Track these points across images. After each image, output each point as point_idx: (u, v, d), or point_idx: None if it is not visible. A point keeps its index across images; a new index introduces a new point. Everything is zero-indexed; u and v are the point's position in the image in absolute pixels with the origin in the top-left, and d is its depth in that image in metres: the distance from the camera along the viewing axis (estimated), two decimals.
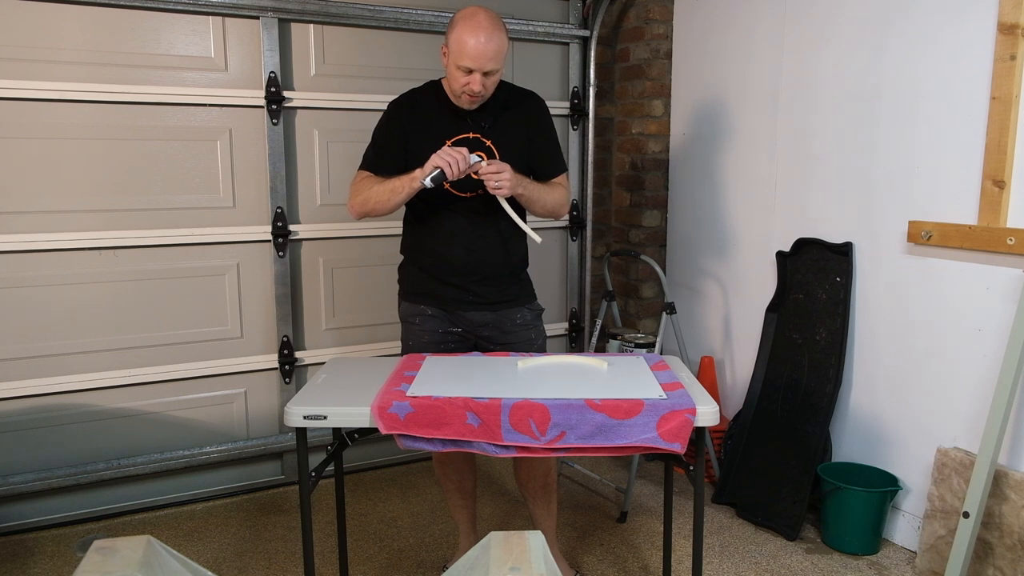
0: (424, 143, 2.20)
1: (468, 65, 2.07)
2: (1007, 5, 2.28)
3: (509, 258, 2.33)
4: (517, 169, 2.21)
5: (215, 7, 2.81)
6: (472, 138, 2.24)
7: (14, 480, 2.73)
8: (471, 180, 2.21)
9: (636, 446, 1.83)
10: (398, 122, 2.27)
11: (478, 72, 2.09)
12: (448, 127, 2.24)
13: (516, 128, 2.28)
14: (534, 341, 2.39)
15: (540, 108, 2.34)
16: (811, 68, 2.91)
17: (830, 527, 2.70)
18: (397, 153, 2.26)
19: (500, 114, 2.26)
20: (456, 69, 2.11)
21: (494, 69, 2.10)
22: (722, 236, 3.36)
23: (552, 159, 2.35)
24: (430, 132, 2.23)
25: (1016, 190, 2.31)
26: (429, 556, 2.66)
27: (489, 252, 2.29)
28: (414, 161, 2.19)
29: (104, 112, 2.74)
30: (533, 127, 2.31)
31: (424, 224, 2.33)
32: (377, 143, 2.30)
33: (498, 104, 2.26)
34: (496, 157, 2.23)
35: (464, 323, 2.35)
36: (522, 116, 2.30)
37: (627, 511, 2.94)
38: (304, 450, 1.96)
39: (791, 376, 2.96)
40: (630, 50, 3.65)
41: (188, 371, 2.96)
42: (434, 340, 2.34)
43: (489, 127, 2.25)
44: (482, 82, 2.10)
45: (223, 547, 2.72)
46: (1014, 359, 2.19)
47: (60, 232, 2.72)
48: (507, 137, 2.26)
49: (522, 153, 2.28)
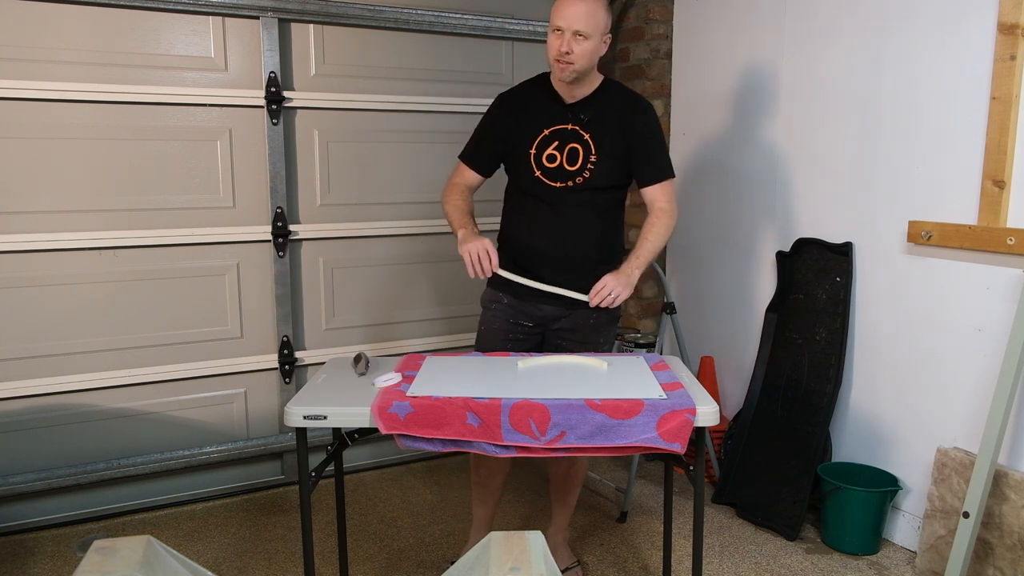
0: (522, 132, 2.29)
1: (558, 23, 2.12)
2: (1007, 5, 2.28)
3: (592, 251, 2.32)
4: (612, 169, 2.26)
5: (215, 7, 2.81)
6: (570, 130, 2.25)
7: (14, 480, 2.73)
8: (564, 170, 2.26)
9: (636, 446, 1.83)
10: (496, 118, 2.35)
11: (567, 31, 2.11)
12: (547, 117, 2.27)
13: (616, 127, 2.26)
14: (601, 345, 2.38)
15: (644, 107, 2.30)
16: (811, 68, 2.91)
17: (830, 527, 2.70)
18: (491, 148, 2.35)
19: (602, 110, 2.26)
20: (551, 34, 2.16)
21: (583, 30, 2.11)
22: (722, 236, 3.36)
23: (651, 163, 2.29)
24: (529, 121, 2.28)
25: (1016, 190, 2.31)
26: (429, 556, 2.66)
27: (572, 242, 2.29)
28: (514, 152, 2.30)
29: (104, 112, 2.74)
30: (635, 125, 2.27)
31: (515, 212, 2.37)
32: (476, 135, 2.39)
33: (600, 97, 2.27)
34: (592, 151, 2.24)
35: (537, 316, 2.35)
36: (624, 112, 2.27)
37: (627, 511, 2.94)
38: (304, 450, 1.96)
39: (791, 376, 2.96)
40: (630, 50, 3.65)
41: (188, 371, 2.96)
42: (503, 329, 2.36)
43: (588, 120, 2.25)
44: (570, 43, 2.11)
45: (223, 547, 2.72)
46: (1014, 359, 2.19)
47: (60, 232, 2.72)
48: (604, 133, 2.25)
49: (618, 152, 2.26)
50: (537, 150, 2.26)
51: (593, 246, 2.32)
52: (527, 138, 2.26)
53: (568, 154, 2.25)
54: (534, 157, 2.26)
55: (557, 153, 2.25)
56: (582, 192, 2.26)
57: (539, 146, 2.26)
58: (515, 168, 2.33)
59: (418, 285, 3.34)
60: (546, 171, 2.26)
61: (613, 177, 2.28)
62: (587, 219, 2.29)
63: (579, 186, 2.25)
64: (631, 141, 2.27)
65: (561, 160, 2.25)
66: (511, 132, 2.30)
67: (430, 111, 3.25)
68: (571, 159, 2.25)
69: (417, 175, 3.27)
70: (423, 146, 3.28)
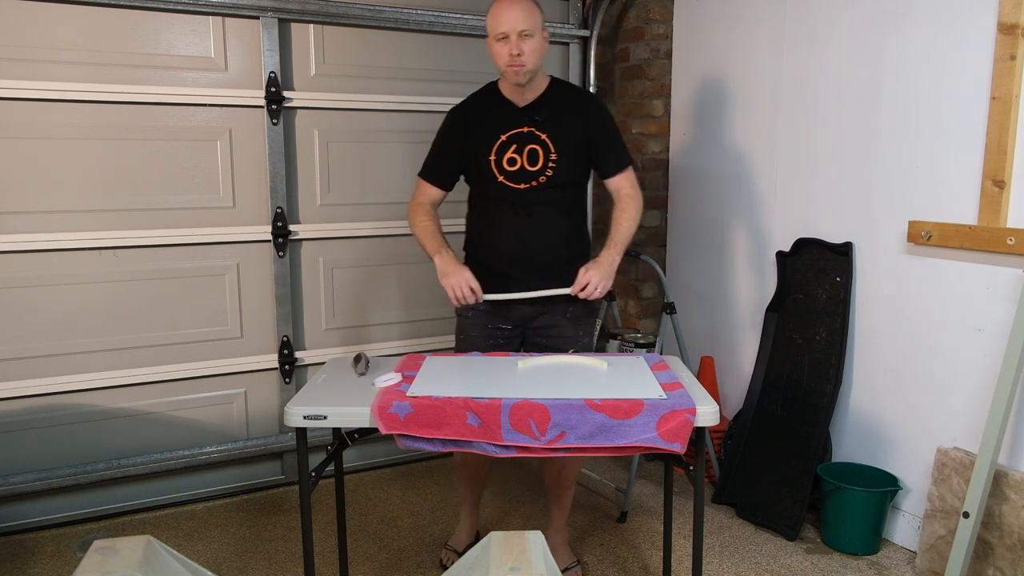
0: (479, 140, 2.31)
1: (503, 29, 2.17)
2: (1007, 5, 2.28)
3: (562, 250, 2.36)
4: (572, 165, 2.31)
5: (215, 7, 2.81)
6: (526, 132, 2.29)
7: (14, 480, 2.73)
8: (525, 171, 2.29)
9: (636, 446, 1.83)
10: (453, 131, 2.38)
11: (513, 34, 2.16)
12: (502, 123, 2.31)
13: (571, 123, 2.31)
14: (580, 338, 2.41)
15: (595, 102, 2.40)
16: (811, 68, 2.91)
17: (830, 527, 2.70)
18: (449, 163, 2.39)
19: (553, 107, 2.30)
20: (495, 43, 2.20)
21: (527, 29, 2.17)
22: (722, 236, 3.36)
23: (612, 154, 2.37)
24: (485, 129, 2.31)
25: (1016, 190, 2.31)
26: (429, 556, 2.66)
27: (541, 243, 2.32)
28: (474, 161, 2.32)
29: (104, 112, 2.74)
30: (590, 119, 2.34)
31: (480, 216, 2.40)
32: (433, 152, 2.43)
33: (551, 98, 2.31)
34: (551, 151, 2.28)
35: (514, 318, 2.38)
36: (577, 108, 2.33)
37: (627, 511, 2.94)
38: (304, 450, 1.96)
39: (791, 376, 2.96)
40: (630, 50, 3.65)
41: (188, 371, 2.96)
42: (483, 335, 2.39)
43: (543, 121, 2.29)
44: (519, 45, 2.16)
45: (223, 547, 2.72)
46: (1014, 359, 2.19)
47: (60, 232, 2.72)
48: (561, 131, 2.30)
49: (576, 148, 2.32)
50: (497, 155, 2.30)
51: (562, 244, 2.36)
52: (485, 145, 2.30)
53: (528, 155, 2.29)
54: (495, 163, 2.30)
55: (517, 156, 2.29)
56: (546, 191, 2.30)
57: (498, 151, 2.30)
58: (477, 176, 2.35)
59: (418, 285, 3.34)
60: (508, 175, 2.30)
61: (574, 174, 2.35)
62: (553, 218, 2.34)
63: (542, 185, 2.29)
64: (588, 135, 2.33)
65: (522, 162, 2.29)
66: (468, 142, 2.33)
67: (430, 111, 3.25)
68: (531, 160, 2.29)
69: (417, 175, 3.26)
70: (423, 146, 3.22)
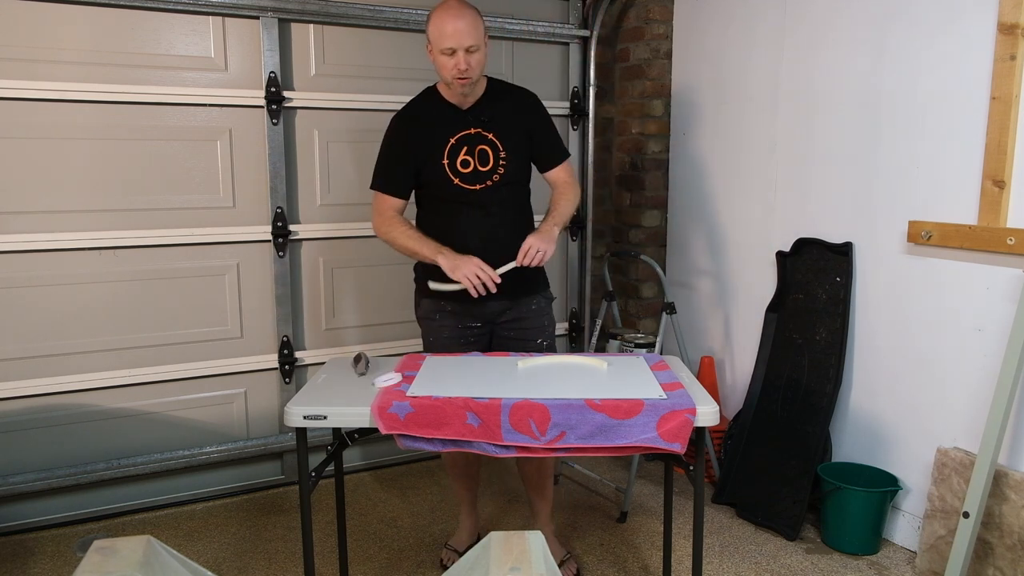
0: (429, 149, 2.33)
1: (449, 45, 2.17)
2: (1007, 5, 2.28)
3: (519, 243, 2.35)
4: (520, 162, 2.36)
5: (215, 7, 2.81)
6: (474, 133, 2.32)
7: (14, 480, 2.73)
8: (478, 172, 2.32)
9: (636, 446, 1.83)
10: (401, 140, 2.37)
11: (460, 50, 2.17)
12: (449, 127, 2.33)
13: (514, 120, 2.38)
14: (546, 328, 2.47)
15: (533, 98, 2.44)
16: (811, 68, 2.91)
17: (830, 527, 2.70)
18: (404, 172, 2.36)
19: (497, 108, 2.35)
20: (441, 55, 2.21)
21: (474, 44, 2.18)
22: (722, 236, 3.36)
23: (553, 147, 2.45)
24: (434, 137, 2.33)
25: (1016, 190, 2.31)
26: (429, 556, 2.66)
27: (503, 241, 2.33)
28: (424, 170, 2.33)
29: (104, 112, 2.74)
30: (531, 116, 2.41)
31: (436, 219, 2.40)
32: (383, 163, 2.40)
33: (493, 98, 2.36)
34: (500, 150, 2.33)
35: (483, 316, 2.40)
36: (519, 107, 2.40)
37: (627, 511, 2.94)
38: (304, 450, 1.96)
39: (791, 376, 2.96)
40: (630, 50, 3.65)
41: (188, 371, 2.96)
42: (454, 335, 2.41)
43: (489, 121, 2.33)
44: (467, 60, 2.18)
45: (223, 547, 2.72)
46: (1014, 359, 2.19)
47: (60, 232, 2.72)
48: (508, 128, 2.35)
49: (524, 143, 2.38)
50: (449, 159, 2.32)
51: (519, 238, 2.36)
52: (436, 150, 2.32)
53: (479, 156, 2.33)
54: (448, 166, 2.32)
55: (469, 158, 2.32)
56: (499, 190, 2.35)
57: (450, 154, 2.32)
58: (430, 180, 2.36)
59: None
60: (463, 176, 2.32)
61: (522, 172, 2.41)
62: (510, 216, 2.39)
63: (496, 184, 2.34)
64: (531, 131, 2.39)
65: (474, 164, 2.33)
66: (418, 149, 2.33)
67: None
68: (482, 161, 2.33)
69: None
70: None
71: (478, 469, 2.62)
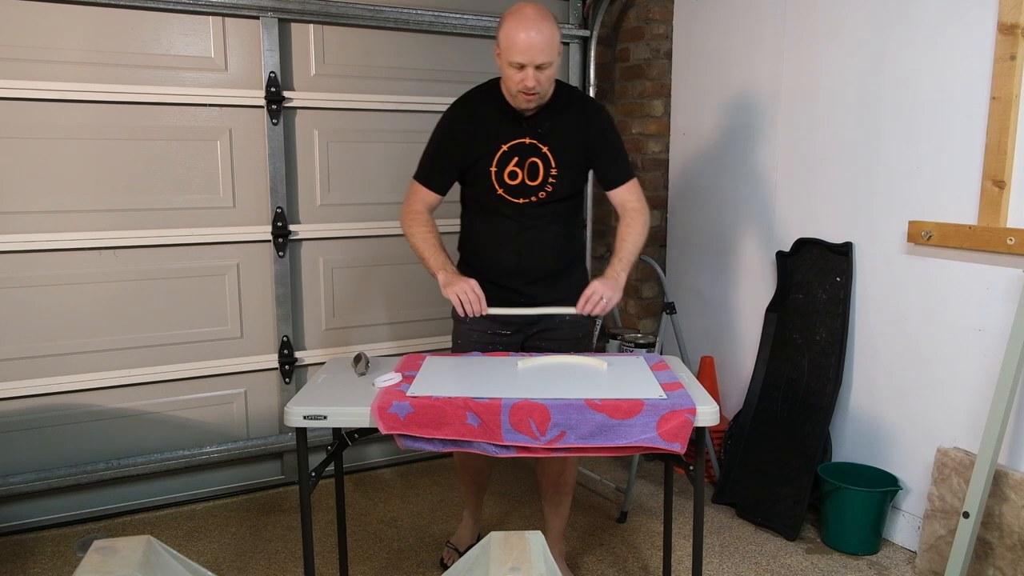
0: (480, 152, 2.21)
1: (519, 60, 2.03)
2: (1007, 5, 2.28)
3: (560, 261, 2.33)
4: (573, 179, 2.24)
5: (215, 7, 2.81)
6: (528, 144, 2.20)
7: (14, 480, 2.73)
8: (526, 186, 2.21)
9: (636, 446, 1.83)
10: (454, 134, 2.24)
11: (530, 66, 2.04)
12: (504, 132, 2.20)
13: (573, 136, 2.22)
14: (580, 340, 2.38)
15: (599, 113, 2.28)
16: (811, 68, 2.91)
17: (830, 527, 2.70)
18: (449, 168, 2.26)
19: (557, 120, 2.21)
20: (509, 67, 2.07)
21: (546, 62, 2.05)
22: (722, 236, 3.36)
23: (615, 167, 2.28)
24: (488, 137, 2.21)
25: (1016, 190, 2.31)
26: (429, 556, 2.66)
27: (539, 256, 2.28)
28: (471, 171, 2.22)
29: (104, 112, 2.74)
30: (592, 132, 2.24)
31: (477, 226, 2.33)
32: (431, 155, 2.29)
33: (556, 109, 2.21)
34: (552, 166, 2.21)
35: (514, 324, 2.34)
36: (580, 121, 2.23)
37: (627, 511, 2.94)
38: (304, 450, 1.96)
39: (791, 376, 2.96)
40: (630, 50, 3.65)
41: (188, 371, 2.96)
42: (482, 340, 2.34)
43: (545, 133, 2.20)
44: (536, 77, 2.05)
45: (223, 547, 2.72)
46: (1014, 359, 2.19)
47: (60, 232, 2.72)
48: (563, 144, 2.22)
49: (578, 160, 2.25)
50: (498, 167, 2.21)
51: (561, 254, 2.32)
52: (487, 154, 2.20)
53: (529, 169, 2.21)
54: (495, 175, 2.21)
55: (518, 169, 2.21)
56: (545, 206, 2.24)
57: (499, 163, 2.20)
58: (475, 184, 2.27)
59: (418, 285, 3.34)
60: (509, 188, 2.22)
61: (574, 187, 2.28)
62: (552, 231, 2.28)
63: (542, 200, 2.23)
64: (591, 146, 2.24)
65: (523, 176, 2.21)
66: (470, 149, 2.22)
67: (430, 111, 3.24)
68: (532, 174, 2.21)
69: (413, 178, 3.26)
70: (423, 146, 3.26)
71: (487, 476, 2.59)
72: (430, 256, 2.19)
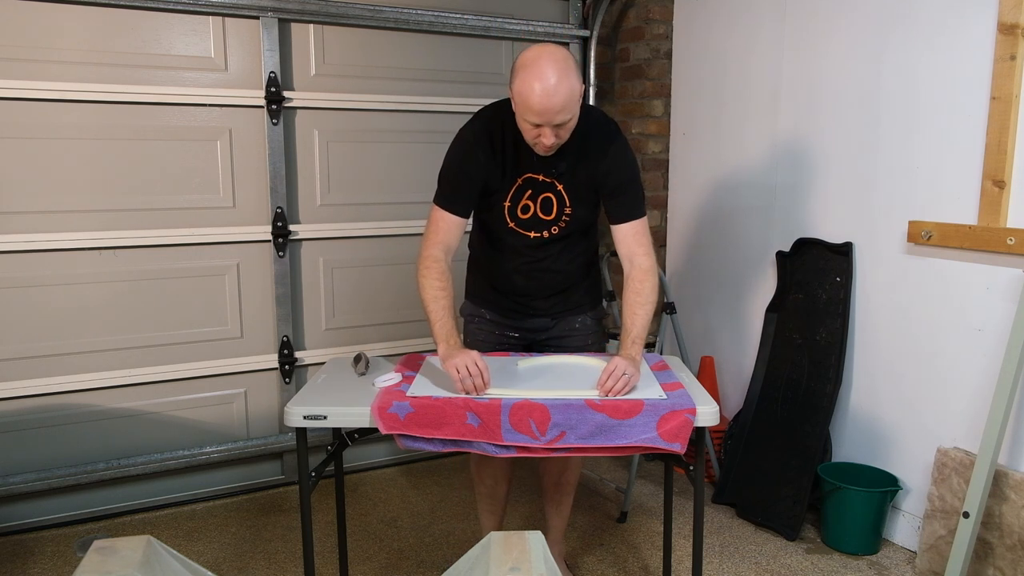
0: (498, 178, 2.09)
1: (535, 120, 1.87)
2: (1007, 5, 2.28)
3: (570, 280, 2.29)
4: (586, 208, 2.14)
5: (215, 7, 2.81)
6: (541, 180, 2.09)
7: (14, 480, 2.73)
8: (538, 219, 2.13)
9: (636, 446, 1.83)
10: (476, 162, 2.07)
11: (547, 126, 1.89)
12: (521, 166, 2.08)
13: (590, 178, 2.10)
14: (590, 347, 2.34)
15: (615, 144, 2.10)
16: (811, 68, 2.91)
17: (830, 527, 2.70)
18: (471, 191, 2.10)
19: (577, 161, 2.08)
20: (524, 121, 1.92)
21: (564, 120, 1.89)
22: (722, 236, 3.36)
23: (625, 209, 2.12)
24: (504, 166, 2.08)
25: (1016, 190, 2.31)
26: (429, 556, 2.66)
27: (550, 281, 2.25)
28: (491, 195, 2.11)
29: (104, 112, 2.74)
30: (612, 178, 2.10)
31: (486, 246, 2.27)
32: (452, 180, 2.11)
33: (575, 147, 2.05)
34: (565, 202, 2.12)
35: (523, 329, 2.32)
36: (600, 167, 2.09)
37: (627, 511, 2.94)
38: (304, 450, 1.96)
39: (791, 376, 2.96)
40: (630, 50, 3.65)
41: (188, 371, 2.96)
42: (490, 341, 2.31)
43: (561, 173, 2.08)
44: (554, 133, 1.90)
45: (223, 547, 2.72)
46: (1014, 359, 2.19)
47: (60, 232, 2.72)
48: (577, 184, 2.11)
49: (591, 195, 2.14)
50: (511, 202, 2.11)
51: (573, 278, 2.29)
52: (502, 187, 2.09)
53: (542, 204, 2.12)
54: (508, 208, 2.12)
55: (531, 203, 2.12)
56: (557, 241, 2.18)
57: (513, 197, 2.11)
58: (488, 211, 2.17)
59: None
60: (520, 222, 2.13)
61: (588, 218, 2.19)
62: (563, 259, 2.22)
63: (554, 236, 2.16)
64: (607, 189, 2.12)
65: (535, 210, 2.12)
66: (491, 177, 2.09)
67: (430, 111, 3.25)
68: (545, 209, 2.12)
69: (417, 175, 3.27)
70: (423, 146, 3.28)
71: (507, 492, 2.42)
72: (436, 321, 2.02)
